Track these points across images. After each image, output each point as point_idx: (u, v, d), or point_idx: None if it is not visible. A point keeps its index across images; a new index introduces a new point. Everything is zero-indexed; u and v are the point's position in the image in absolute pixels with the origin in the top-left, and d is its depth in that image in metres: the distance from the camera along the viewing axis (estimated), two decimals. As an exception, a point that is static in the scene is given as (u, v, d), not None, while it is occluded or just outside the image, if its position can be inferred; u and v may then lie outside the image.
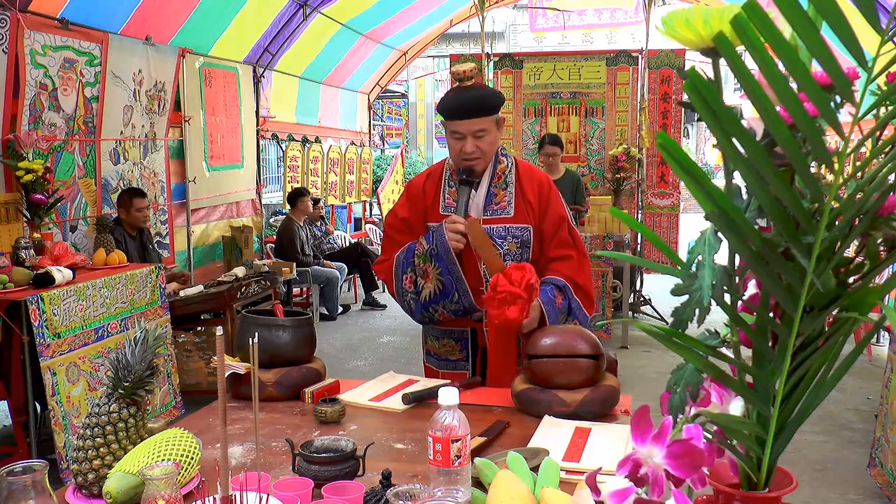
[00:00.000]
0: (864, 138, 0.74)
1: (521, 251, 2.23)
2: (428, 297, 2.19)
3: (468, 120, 2.15)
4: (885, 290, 0.76)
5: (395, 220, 2.37)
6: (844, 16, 0.65)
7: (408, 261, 2.23)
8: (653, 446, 0.79)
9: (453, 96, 2.19)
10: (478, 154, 2.19)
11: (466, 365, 2.29)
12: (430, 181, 2.32)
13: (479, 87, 2.21)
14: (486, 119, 2.16)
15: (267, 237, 7.89)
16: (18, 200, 4.14)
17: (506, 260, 2.19)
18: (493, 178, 2.26)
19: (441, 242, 2.15)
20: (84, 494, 1.38)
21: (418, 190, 2.32)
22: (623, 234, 6.71)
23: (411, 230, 2.31)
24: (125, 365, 1.43)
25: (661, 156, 7.05)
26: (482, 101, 2.16)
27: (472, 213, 2.23)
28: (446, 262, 2.15)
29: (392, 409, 1.89)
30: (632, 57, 7.23)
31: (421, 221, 2.30)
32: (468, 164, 2.20)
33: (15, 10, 3.99)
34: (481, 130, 2.17)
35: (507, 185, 2.26)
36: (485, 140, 2.18)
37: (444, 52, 14.24)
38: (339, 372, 3.06)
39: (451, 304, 2.19)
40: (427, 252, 2.18)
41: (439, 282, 2.17)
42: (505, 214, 2.24)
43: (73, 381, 3.56)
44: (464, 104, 2.15)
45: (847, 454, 4.05)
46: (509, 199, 2.25)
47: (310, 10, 7.03)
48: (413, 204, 2.33)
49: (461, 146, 2.18)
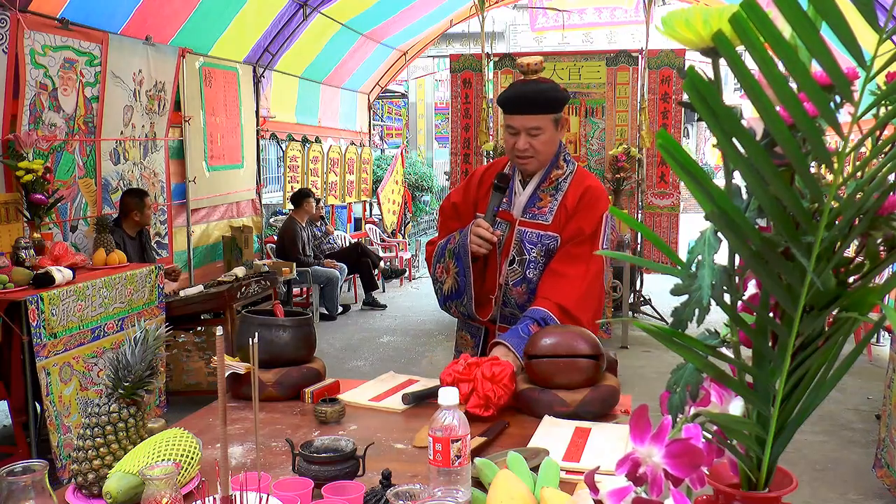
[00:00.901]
0: (863, 138, 0.74)
1: (545, 260, 2.14)
2: (448, 292, 2.20)
3: (523, 115, 2.07)
4: (885, 290, 0.76)
5: (447, 204, 2.37)
6: (844, 16, 0.65)
7: (442, 250, 2.22)
8: (652, 446, 0.79)
9: (512, 89, 2.11)
10: (530, 153, 2.10)
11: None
12: (489, 172, 2.28)
13: (542, 82, 2.10)
14: (543, 117, 2.07)
15: (267, 237, 7.89)
16: (18, 200, 4.14)
17: (529, 267, 2.14)
18: (542, 180, 2.17)
19: (463, 244, 2.13)
20: (84, 494, 1.38)
21: (476, 178, 2.30)
22: (623, 234, 6.72)
23: (459, 216, 2.29)
24: (125, 365, 1.43)
25: (661, 156, 7.04)
26: (540, 97, 2.06)
27: (513, 211, 2.19)
28: (463, 265, 2.13)
29: (392, 409, 1.89)
30: (632, 57, 7.23)
31: (471, 209, 2.27)
32: (520, 162, 2.14)
33: (15, 10, 3.99)
34: (536, 128, 2.07)
35: (555, 192, 2.17)
36: (539, 139, 2.08)
37: (444, 52, 14.24)
38: (339, 372, 3.06)
39: (461, 306, 2.20)
40: (452, 249, 2.17)
41: (455, 281, 2.17)
42: (542, 220, 2.16)
43: (66, 380, 3.56)
44: (520, 98, 2.07)
45: (847, 454, 4.05)
46: (552, 205, 2.16)
47: (310, 10, 7.03)
48: (467, 191, 2.30)
49: (514, 142, 2.10)
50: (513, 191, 2.21)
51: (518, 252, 2.17)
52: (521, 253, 2.16)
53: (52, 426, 3.43)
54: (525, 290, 2.17)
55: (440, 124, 16.72)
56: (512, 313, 2.20)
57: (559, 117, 2.11)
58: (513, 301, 2.19)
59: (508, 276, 2.18)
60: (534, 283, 2.16)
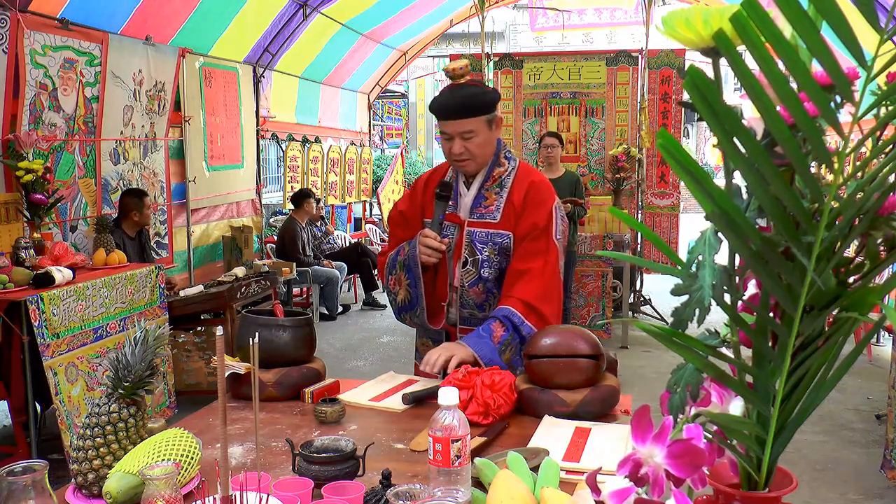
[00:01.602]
0: (863, 138, 0.74)
1: (500, 259, 2.16)
2: (402, 303, 2.22)
3: (455, 120, 2.08)
4: (885, 290, 0.76)
5: (395, 213, 2.37)
6: (844, 15, 0.65)
7: (393, 262, 2.23)
8: (653, 446, 0.79)
9: (442, 95, 2.12)
10: (466, 156, 2.11)
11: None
12: (433, 178, 2.30)
13: (471, 86, 2.12)
14: (476, 120, 2.07)
15: (267, 237, 7.89)
16: (18, 200, 4.14)
17: (483, 267, 2.15)
18: (486, 180, 2.19)
19: (412, 255, 2.13)
20: (84, 494, 1.38)
21: (421, 184, 2.31)
22: (623, 234, 6.72)
23: (408, 223, 2.30)
24: (125, 365, 1.43)
25: (661, 156, 7.03)
26: (469, 101, 2.06)
27: (460, 213, 2.20)
28: (414, 276, 2.14)
29: (392, 409, 1.89)
30: (632, 57, 7.23)
31: (418, 216, 2.28)
32: (459, 165, 2.16)
33: (15, 10, 3.99)
34: (469, 132, 2.08)
35: (500, 189, 2.18)
36: (473, 141, 2.09)
37: (444, 52, 14.24)
38: (339, 372, 3.06)
39: (415, 317, 2.21)
40: (403, 261, 2.18)
41: (408, 292, 2.18)
42: (490, 219, 2.17)
43: (72, 381, 3.56)
44: (451, 104, 2.08)
45: (847, 454, 4.05)
46: (498, 203, 2.17)
47: (310, 10, 7.03)
48: (413, 198, 2.31)
49: (450, 147, 2.12)
50: (457, 193, 2.22)
51: (470, 253, 2.17)
52: (473, 253, 2.17)
53: (63, 425, 3.44)
54: (482, 289, 2.17)
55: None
56: (471, 314, 2.20)
57: (492, 117, 2.12)
58: (471, 302, 2.19)
59: (463, 277, 2.18)
60: (490, 282, 2.16)
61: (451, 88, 2.11)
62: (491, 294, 2.17)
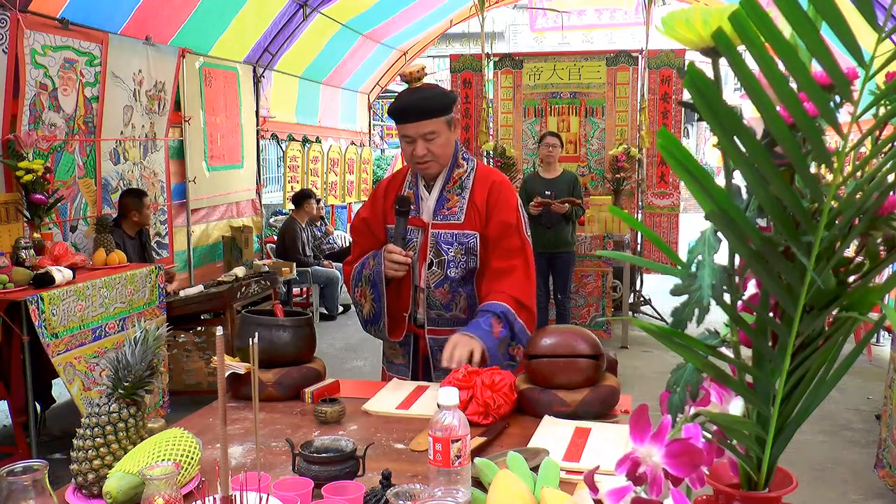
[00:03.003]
0: (863, 137, 0.74)
1: (466, 258, 2.17)
2: (367, 316, 2.25)
3: (416, 123, 2.09)
4: (885, 290, 0.76)
5: (357, 221, 2.39)
6: (843, 15, 0.65)
7: (359, 275, 2.25)
8: (651, 445, 0.79)
9: (401, 99, 2.14)
10: (429, 157, 2.14)
11: (407, 370, 2.28)
12: (392, 184, 2.32)
13: (428, 89, 2.15)
14: (436, 121, 2.10)
15: (267, 237, 7.89)
16: (18, 200, 4.14)
17: (449, 266, 2.17)
18: (446, 181, 2.21)
19: (377, 271, 2.16)
20: (84, 494, 1.38)
21: (381, 192, 2.33)
22: (623, 234, 6.72)
23: (371, 231, 2.32)
24: (125, 365, 1.43)
25: (661, 156, 7.03)
26: (429, 103, 2.09)
27: (423, 216, 2.21)
28: (378, 291, 2.17)
29: (424, 416, 1.82)
30: (632, 57, 7.23)
31: (380, 223, 2.30)
32: (421, 167, 2.17)
33: (15, 10, 3.99)
34: (431, 133, 2.10)
35: (461, 190, 2.20)
36: (436, 143, 2.12)
37: (444, 52, 14.24)
38: (339, 372, 3.07)
39: (378, 331, 2.24)
40: (368, 276, 2.20)
41: (373, 306, 2.21)
42: (455, 220, 2.19)
43: (70, 380, 3.56)
44: (411, 106, 2.10)
45: (847, 454, 4.05)
46: (461, 204, 2.19)
47: (310, 10, 7.03)
48: (374, 205, 2.33)
49: (412, 150, 2.13)
50: (418, 197, 2.24)
51: (435, 254, 2.19)
52: (438, 254, 2.19)
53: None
54: (448, 289, 2.20)
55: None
56: (439, 315, 2.22)
57: (451, 118, 2.15)
58: (437, 302, 2.21)
59: (429, 278, 2.19)
60: (455, 282, 2.18)
61: (409, 91, 2.14)
62: (456, 293, 2.20)
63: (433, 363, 2.21)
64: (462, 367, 1.87)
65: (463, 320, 2.18)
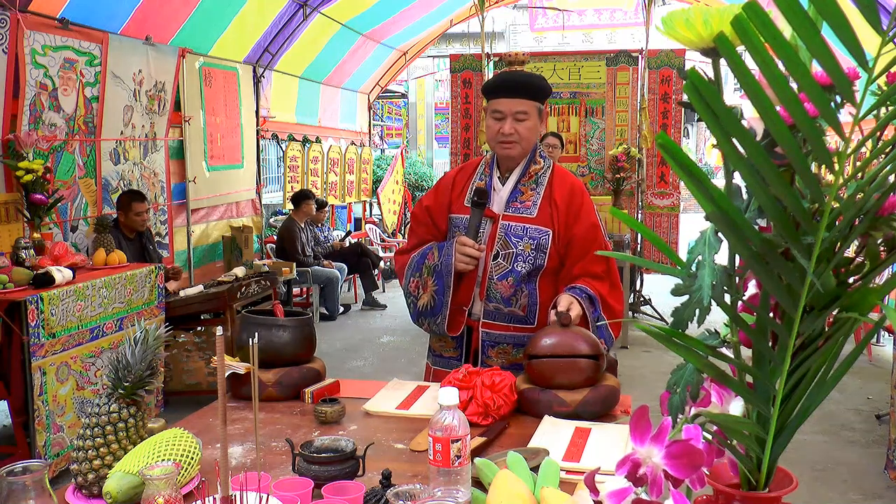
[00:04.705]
0: (864, 139, 0.74)
1: (535, 254, 2.15)
2: (423, 308, 2.21)
3: (511, 99, 2.10)
4: (885, 290, 0.76)
5: (419, 209, 2.36)
6: (845, 16, 0.65)
7: (419, 265, 2.22)
8: (652, 446, 0.79)
9: (500, 75, 2.15)
10: (515, 137, 2.13)
11: (459, 364, 2.26)
12: (461, 174, 2.30)
13: (528, 74, 2.18)
14: (530, 103, 2.11)
15: (267, 237, 7.89)
16: (18, 200, 4.14)
17: (517, 261, 2.15)
18: (523, 175, 2.21)
19: (446, 262, 2.13)
20: (84, 494, 1.38)
21: (448, 181, 2.31)
22: (623, 234, 6.71)
23: (433, 220, 2.29)
24: (125, 365, 1.43)
25: (661, 156, 7.02)
26: (528, 82, 2.11)
27: (494, 207, 2.19)
28: (444, 283, 2.14)
29: (424, 415, 1.83)
30: (632, 57, 7.23)
31: (444, 212, 2.27)
32: (504, 147, 2.15)
33: (15, 10, 3.99)
34: (523, 113, 2.10)
35: (536, 185, 2.20)
36: (525, 124, 2.11)
37: (444, 52, 14.23)
38: (339, 372, 3.06)
39: (433, 324, 2.20)
40: (433, 266, 2.17)
41: (433, 298, 2.17)
42: (527, 214, 2.17)
43: (63, 380, 3.56)
44: (508, 82, 2.12)
45: (847, 454, 4.05)
46: (535, 199, 2.18)
47: (310, 10, 7.03)
48: (439, 194, 2.31)
49: (500, 127, 2.12)
50: (491, 187, 2.22)
51: (503, 246, 2.16)
52: (506, 246, 2.16)
53: (40, 425, 3.43)
54: (511, 283, 2.16)
55: (440, 124, 16.70)
56: (497, 308, 2.19)
57: (542, 108, 2.16)
58: (497, 295, 2.18)
59: (493, 270, 2.17)
60: (521, 276, 2.15)
61: (509, 71, 2.18)
62: (519, 288, 2.16)
63: (482, 357, 2.19)
64: (463, 367, 1.87)
65: (520, 317, 2.15)
